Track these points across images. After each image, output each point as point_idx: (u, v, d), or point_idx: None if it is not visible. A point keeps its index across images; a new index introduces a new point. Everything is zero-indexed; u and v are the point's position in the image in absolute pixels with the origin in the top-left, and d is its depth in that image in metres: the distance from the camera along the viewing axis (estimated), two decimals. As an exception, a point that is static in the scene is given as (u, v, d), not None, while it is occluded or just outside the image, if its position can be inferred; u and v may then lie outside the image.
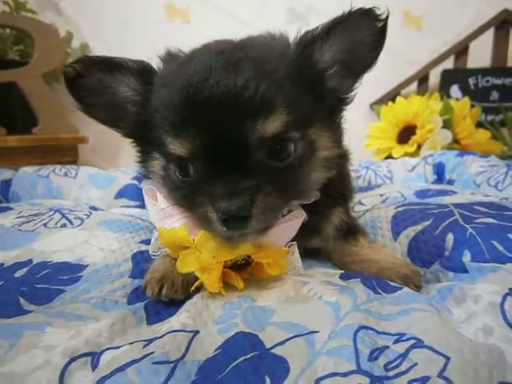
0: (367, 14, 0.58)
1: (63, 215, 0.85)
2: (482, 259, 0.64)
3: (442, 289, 0.60)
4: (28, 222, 0.81)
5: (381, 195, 1.04)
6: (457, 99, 1.82)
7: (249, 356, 0.46)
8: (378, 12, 0.58)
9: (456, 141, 1.66)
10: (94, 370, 0.44)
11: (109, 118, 0.66)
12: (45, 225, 0.80)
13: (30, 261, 0.62)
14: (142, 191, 1.41)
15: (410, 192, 1.05)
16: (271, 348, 0.47)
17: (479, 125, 1.76)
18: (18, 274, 0.59)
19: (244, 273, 0.63)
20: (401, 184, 1.29)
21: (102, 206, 1.30)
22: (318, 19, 0.61)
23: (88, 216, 0.86)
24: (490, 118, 1.92)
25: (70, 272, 0.62)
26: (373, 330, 0.49)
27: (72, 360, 0.45)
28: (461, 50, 2.00)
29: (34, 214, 0.85)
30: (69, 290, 0.59)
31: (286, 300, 0.57)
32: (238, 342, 0.48)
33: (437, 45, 2.12)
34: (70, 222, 0.81)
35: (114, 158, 2.03)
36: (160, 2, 1.97)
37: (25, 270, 0.60)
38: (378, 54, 0.61)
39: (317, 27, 0.60)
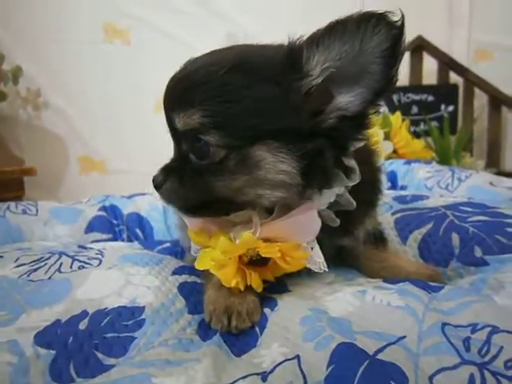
0: (376, 19, 0.49)
1: (73, 258, 0.77)
2: (491, 252, 0.75)
3: (475, 281, 0.69)
4: (35, 270, 0.72)
5: (365, 204, 1.13)
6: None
7: (365, 365, 0.48)
8: (392, 17, 0.49)
9: (394, 150, 1.87)
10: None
11: None
12: (59, 271, 0.71)
13: (86, 312, 0.56)
14: (112, 222, 1.33)
15: (388, 199, 1.16)
16: (375, 355, 0.50)
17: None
18: (82, 327, 0.53)
19: (265, 270, 0.64)
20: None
21: (73, 243, 1.18)
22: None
23: (101, 254, 0.79)
24: (412, 129, 2.21)
25: (130, 316, 0.58)
26: (449, 324, 0.55)
27: (203, 405, 0.43)
28: (384, 71, 2.27)
29: (36, 260, 0.76)
30: (138, 335, 0.55)
31: (355, 311, 0.60)
32: (345, 353, 0.50)
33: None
34: (88, 264, 0.74)
35: (53, 191, 1.85)
36: (98, 22, 1.88)
37: (86, 321, 0.55)
38: (393, 69, 0.52)
39: (316, 31, 0.53)
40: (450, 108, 2.26)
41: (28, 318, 0.55)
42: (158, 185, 0.63)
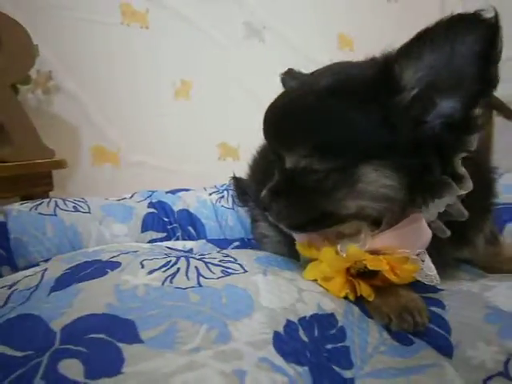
0: (469, 20, 0.47)
1: (203, 261, 0.71)
2: None
3: None
4: (173, 275, 0.66)
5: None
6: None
7: None
8: (485, 16, 0.46)
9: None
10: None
11: None
12: (202, 276, 0.66)
13: (291, 321, 0.53)
14: (164, 220, 1.25)
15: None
16: None
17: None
18: (304, 338, 0.50)
19: (376, 280, 0.64)
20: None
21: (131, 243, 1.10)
22: (271, 36, 0.62)
23: (228, 255, 0.75)
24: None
25: (330, 325, 0.56)
26: None
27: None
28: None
29: (164, 265, 0.70)
30: (350, 344, 0.53)
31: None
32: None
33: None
34: (229, 268, 0.69)
35: (62, 183, 1.69)
36: (115, 2, 1.72)
37: (302, 332, 0.51)
38: (489, 69, 0.49)
39: (405, 43, 0.52)
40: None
41: (239, 331, 0.50)
42: (266, 206, 0.66)
